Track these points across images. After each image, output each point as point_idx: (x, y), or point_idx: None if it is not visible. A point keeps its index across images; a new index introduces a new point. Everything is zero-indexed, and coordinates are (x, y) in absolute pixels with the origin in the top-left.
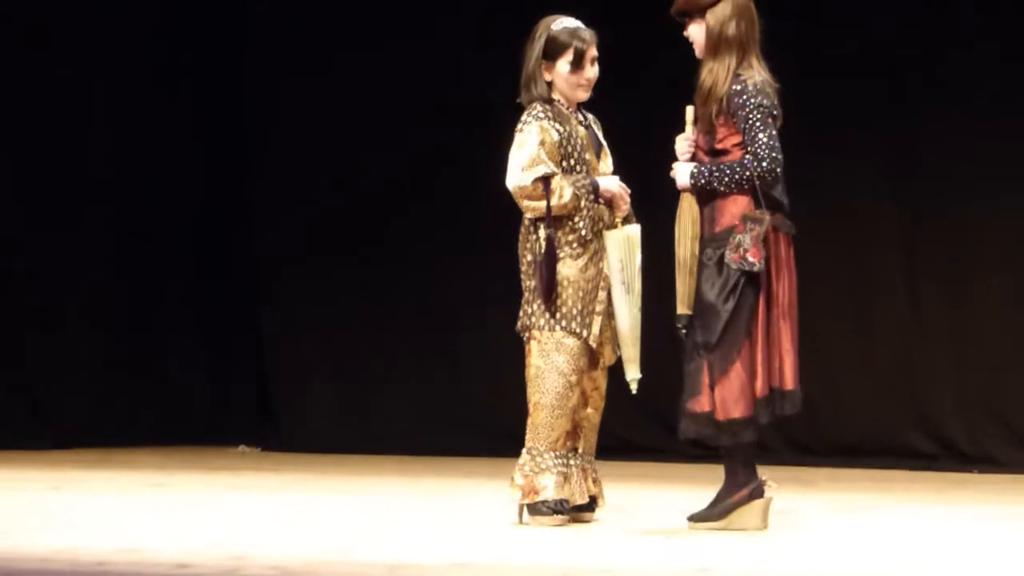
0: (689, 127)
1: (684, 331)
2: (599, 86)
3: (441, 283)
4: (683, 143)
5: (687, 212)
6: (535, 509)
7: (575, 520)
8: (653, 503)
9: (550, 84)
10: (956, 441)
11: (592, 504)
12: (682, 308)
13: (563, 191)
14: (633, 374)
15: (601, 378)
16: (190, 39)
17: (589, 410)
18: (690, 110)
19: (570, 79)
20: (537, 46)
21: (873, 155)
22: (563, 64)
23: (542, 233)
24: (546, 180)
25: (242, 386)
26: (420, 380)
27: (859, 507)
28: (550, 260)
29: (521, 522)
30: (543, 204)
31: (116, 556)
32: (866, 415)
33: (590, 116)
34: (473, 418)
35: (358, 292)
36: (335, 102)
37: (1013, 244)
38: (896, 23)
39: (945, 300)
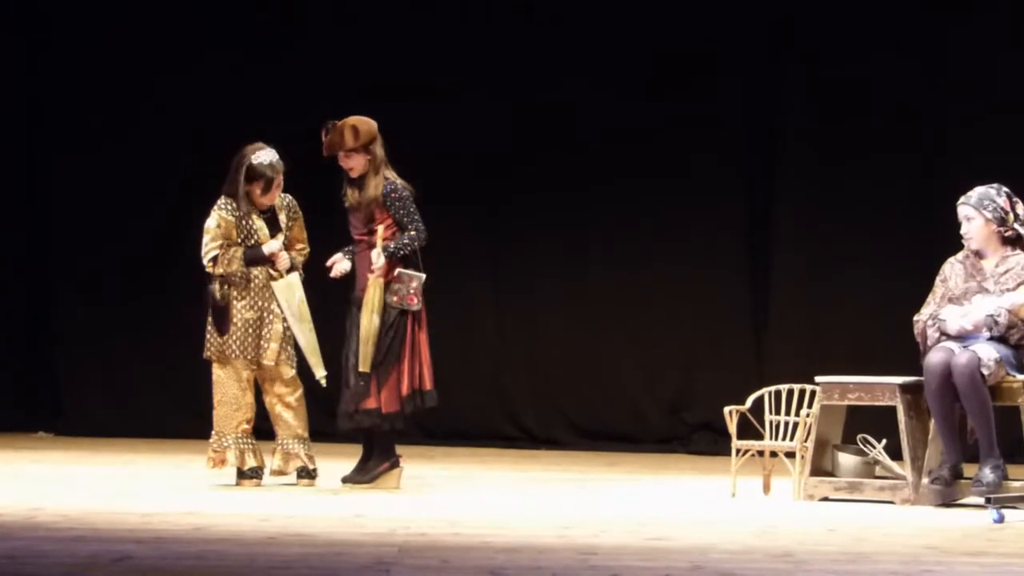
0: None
1: (363, 383)
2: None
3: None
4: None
5: (373, 295)
6: (240, 475)
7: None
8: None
9: (247, 194)
10: (530, 427)
11: (306, 472)
12: (364, 367)
13: (231, 261)
14: (320, 373)
15: (284, 389)
16: None
17: (278, 409)
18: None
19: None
20: (240, 166)
21: (467, 230)
22: (255, 187)
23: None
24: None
25: (39, 385)
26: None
27: (463, 475)
28: (216, 308)
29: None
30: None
31: None
32: (468, 408)
33: (286, 199)
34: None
35: (132, 310)
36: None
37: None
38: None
39: (519, 327)
